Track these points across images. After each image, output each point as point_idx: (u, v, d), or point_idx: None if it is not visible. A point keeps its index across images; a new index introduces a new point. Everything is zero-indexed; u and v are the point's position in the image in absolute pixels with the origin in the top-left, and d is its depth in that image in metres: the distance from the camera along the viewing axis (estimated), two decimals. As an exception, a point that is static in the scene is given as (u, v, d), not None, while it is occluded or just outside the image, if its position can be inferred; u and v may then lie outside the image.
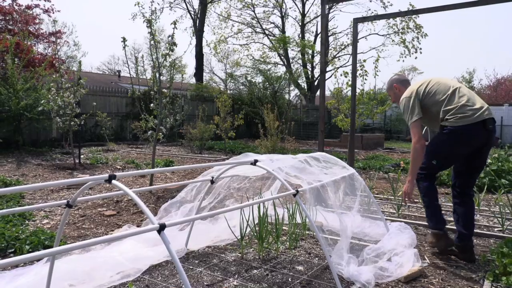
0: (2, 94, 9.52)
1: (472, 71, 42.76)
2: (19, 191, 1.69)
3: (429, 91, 3.22)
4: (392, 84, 3.62)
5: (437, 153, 3.22)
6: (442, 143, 3.17)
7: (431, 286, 2.77)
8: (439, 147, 3.20)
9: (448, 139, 3.11)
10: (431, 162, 3.22)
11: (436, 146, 3.23)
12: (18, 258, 1.29)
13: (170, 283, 2.71)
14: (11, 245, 3.24)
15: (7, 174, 7.13)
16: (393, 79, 3.65)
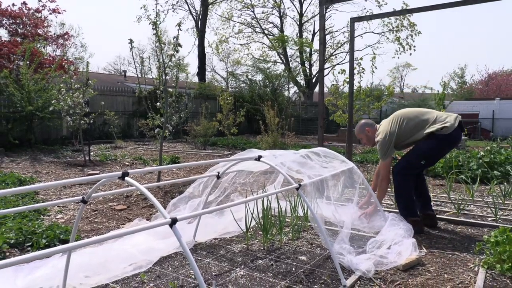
0: (15, 95, 9.53)
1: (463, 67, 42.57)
2: (37, 189, 1.71)
3: (401, 125, 3.70)
4: (364, 128, 3.92)
5: (428, 155, 3.67)
6: (434, 147, 3.62)
7: (428, 274, 2.79)
8: (431, 150, 3.63)
9: (440, 144, 3.61)
10: (420, 162, 3.68)
11: (428, 150, 3.63)
12: (39, 253, 1.32)
13: (180, 273, 2.74)
14: (28, 239, 3.27)
15: (21, 171, 7.16)
16: (363, 123, 3.97)
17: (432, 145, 3.61)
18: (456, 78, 40.65)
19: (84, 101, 8.39)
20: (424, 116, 3.70)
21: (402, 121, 3.68)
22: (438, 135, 3.56)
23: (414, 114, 3.74)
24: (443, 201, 5.00)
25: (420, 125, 3.66)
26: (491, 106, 20.46)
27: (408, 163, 3.71)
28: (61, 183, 1.86)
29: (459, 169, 6.61)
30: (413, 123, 3.67)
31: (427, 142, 3.63)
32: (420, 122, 3.66)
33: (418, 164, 3.70)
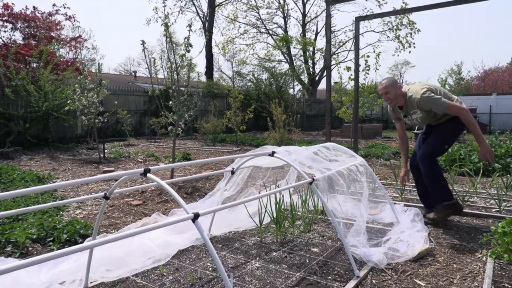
0: (32, 96, 9.56)
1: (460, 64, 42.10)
2: (60, 187, 1.68)
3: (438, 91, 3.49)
4: (396, 84, 3.64)
5: (450, 139, 3.53)
6: (457, 130, 3.48)
7: (437, 264, 2.75)
8: (454, 133, 3.51)
9: (460, 126, 3.46)
10: (444, 146, 3.53)
11: (453, 132, 3.49)
12: (66, 250, 1.29)
13: (197, 266, 2.72)
14: (49, 234, 3.26)
15: (39, 168, 7.18)
16: (395, 80, 3.70)
17: (456, 128, 3.48)
18: (454, 75, 40.24)
19: (98, 100, 8.39)
20: (448, 94, 3.53)
21: (436, 90, 3.46)
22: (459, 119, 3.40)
23: (441, 89, 3.55)
24: (448, 194, 4.93)
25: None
26: (488, 101, 20.25)
27: (434, 149, 3.51)
28: (84, 181, 1.84)
29: (461, 162, 6.53)
30: (445, 96, 3.45)
31: (450, 124, 3.48)
32: (448, 99, 3.45)
33: (443, 148, 3.56)
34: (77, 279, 2.40)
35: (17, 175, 6.02)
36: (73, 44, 16.99)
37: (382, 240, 3.03)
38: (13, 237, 3.03)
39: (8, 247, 2.98)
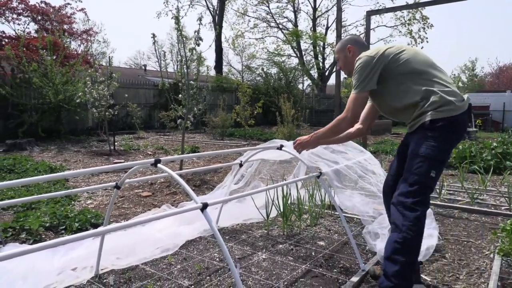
0: (44, 88, 9.70)
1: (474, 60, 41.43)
2: (73, 175, 1.74)
3: (402, 57, 2.18)
4: (346, 45, 2.47)
5: (435, 158, 2.04)
6: (439, 143, 2.05)
7: (444, 260, 2.76)
8: (436, 148, 2.04)
9: (445, 136, 2.06)
10: (428, 175, 2.03)
11: (430, 149, 2.04)
12: (80, 234, 1.34)
13: (205, 256, 2.77)
14: (61, 222, 3.35)
15: (52, 160, 7.32)
16: (349, 38, 2.53)
17: (433, 137, 2.06)
18: (467, 71, 39.64)
19: (109, 93, 8.49)
20: (435, 69, 2.17)
21: (401, 53, 2.19)
22: (440, 119, 2.04)
23: (423, 58, 2.20)
24: (457, 190, 4.92)
25: (423, 77, 2.12)
26: (502, 98, 19.92)
27: (411, 185, 2.05)
28: (96, 170, 1.89)
29: (471, 159, 6.48)
30: (415, 67, 2.15)
31: (424, 134, 2.09)
32: (425, 74, 2.13)
33: (427, 180, 2.05)
34: (88, 266, 2.47)
35: (30, 165, 6.16)
36: (84, 37, 17.18)
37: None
38: (27, 224, 3.12)
39: (22, 234, 3.07)
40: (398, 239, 1.99)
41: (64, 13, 16.05)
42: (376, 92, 2.27)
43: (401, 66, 2.17)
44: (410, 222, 1.99)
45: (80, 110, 10.40)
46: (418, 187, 2.04)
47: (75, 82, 10.24)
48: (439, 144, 2.06)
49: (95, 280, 2.36)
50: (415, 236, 1.99)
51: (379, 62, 2.18)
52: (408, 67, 2.16)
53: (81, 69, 10.42)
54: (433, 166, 2.06)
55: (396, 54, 2.20)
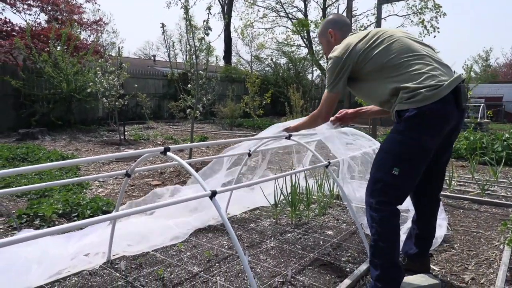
0: (55, 78, 9.80)
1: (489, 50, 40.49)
2: (86, 162, 1.77)
3: (370, 53, 2.00)
4: (327, 29, 2.32)
5: (398, 154, 1.88)
6: (403, 136, 1.88)
7: (453, 250, 2.75)
8: (400, 143, 1.89)
9: (411, 129, 1.86)
10: (390, 173, 1.87)
11: (394, 143, 1.92)
12: (95, 219, 1.38)
13: (214, 244, 2.81)
14: (74, 210, 3.42)
15: (63, 149, 7.43)
16: (329, 20, 2.36)
17: (398, 131, 1.92)
18: (480, 61, 38.84)
19: (119, 83, 8.55)
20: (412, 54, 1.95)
21: (372, 47, 2.00)
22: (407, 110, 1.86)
23: (399, 45, 1.98)
24: (467, 182, 4.88)
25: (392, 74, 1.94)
26: (516, 89, 19.53)
27: (372, 179, 1.96)
28: (107, 157, 1.92)
29: (483, 151, 6.40)
30: (385, 62, 1.96)
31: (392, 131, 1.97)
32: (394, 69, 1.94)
33: (389, 178, 1.88)
34: (101, 252, 2.53)
35: (43, 154, 6.26)
36: (94, 27, 17.24)
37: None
38: (40, 211, 3.20)
39: (36, 220, 3.15)
40: (372, 241, 1.93)
41: (74, 3, 16.10)
42: (352, 89, 2.24)
43: (370, 64, 2.01)
44: (376, 224, 1.90)
45: (91, 99, 10.51)
46: (382, 185, 1.91)
47: (85, 72, 10.33)
48: (404, 138, 1.88)
49: (107, 266, 2.42)
50: (384, 238, 1.88)
51: (347, 64, 2.05)
52: (377, 63, 1.99)
53: (91, 59, 10.50)
54: (397, 163, 1.87)
55: (365, 50, 2.02)
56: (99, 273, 2.33)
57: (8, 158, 5.90)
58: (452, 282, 2.27)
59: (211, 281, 2.23)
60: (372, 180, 1.96)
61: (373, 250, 1.93)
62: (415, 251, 2.29)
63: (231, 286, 2.17)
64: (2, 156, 5.96)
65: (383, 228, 1.89)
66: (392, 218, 1.91)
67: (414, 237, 2.30)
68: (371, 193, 1.95)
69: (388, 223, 1.90)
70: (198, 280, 2.24)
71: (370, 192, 1.95)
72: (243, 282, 2.22)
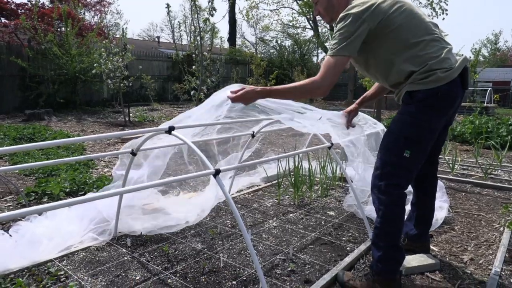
0: (60, 58, 9.78)
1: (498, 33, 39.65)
2: (89, 139, 1.80)
3: (395, 21, 1.79)
4: None
5: (410, 136, 1.84)
6: (415, 119, 1.83)
7: (453, 232, 2.78)
8: (412, 124, 1.84)
9: (423, 110, 1.82)
10: (402, 156, 1.83)
11: (405, 125, 1.86)
12: (103, 194, 1.41)
13: (217, 222, 2.87)
14: (81, 188, 3.48)
15: (69, 129, 7.49)
16: None
17: (409, 113, 1.86)
18: (489, 45, 38.09)
19: (123, 65, 8.53)
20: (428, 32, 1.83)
21: (396, 13, 1.79)
22: (419, 91, 1.81)
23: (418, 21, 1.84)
24: (470, 165, 4.88)
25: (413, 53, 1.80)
26: (524, 73, 19.22)
27: (384, 167, 1.89)
28: (113, 135, 1.95)
29: (488, 135, 6.37)
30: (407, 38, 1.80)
31: (401, 112, 1.91)
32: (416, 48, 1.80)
33: (400, 161, 1.85)
34: (108, 229, 2.59)
35: (49, 134, 6.33)
36: (98, 8, 17.09)
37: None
38: (48, 189, 3.26)
39: (44, 198, 3.21)
40: (377, 223, 1.92)
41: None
42: (357, 59, 1.98)
43: (392, 34, 1.80)
44: (384, 207, 1.87)
45: (96, 81, 10.51)
46: (392, 168, 1.86)
47: (90, 53, 10.30)
48: (415, 120, 1.83)
49: (113, 242, 2.48)
50: (391, 221, 1.88)
51: (366, 23, 1.76)
52: (399, 36, 1.80)
53: (96, 40, 10.44)
54: (408, 145, 1.83)
55: (390, 15, 1.78)
56: (105, 249, 2.39)
57: (15, 138, 5.97)
58: (451, 262, 2.30)
59: (214, 258, 2.28)
60: (382, 163, 1.90)
61: (377, 232, 1.92)
62: (415, 232, 2.32)
63: (234, 263, 2.22)
64: (9, 136, 6.03)
65: (391, 211, 1.87)
66: (400, 201, 1.89)
67: (414, 218, 2.32)
68: (380, 176, 1.89)
69: (396, 206, 1.88)
70: (202, 257, 2.30)
71: (379, 175, 1.89)
72: (246, 259, 2.27)
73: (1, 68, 9.86)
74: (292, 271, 2.14)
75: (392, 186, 1.87)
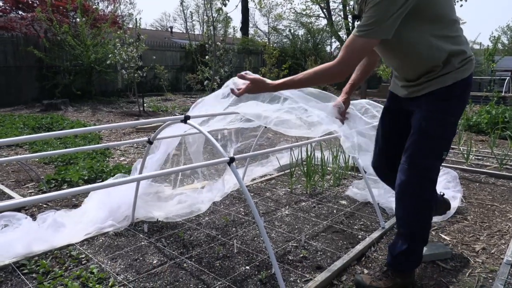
0: (76, 50, 9.93)
1: (519, 20, 38.36)
2: (106, 128, 1.86)
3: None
4: None
5: (447, 138, 1.72)
6: (452, 117, 1.70)
7: (465, 221, 2.78)
8: (449, 125, 1.70)
9: (458, 105, 1.70)
10: (441, 158, 1.74)
11: (443, 127, 1.68)
12: (122, 180, 1.48)
13: (231, 210, 2.93)
14: (98, 176, 3.58)
15: (85, 119, 7.64)
16: None
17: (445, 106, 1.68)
18: (509, 32, 36.92)
19: (137, 55, 8.62)
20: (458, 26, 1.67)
21: None
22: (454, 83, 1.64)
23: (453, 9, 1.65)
24: (486, 156, 4.83)
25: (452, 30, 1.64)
26: (544, 62, 18.63)
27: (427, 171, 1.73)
28: (129, 124, 2.01)
29: (504, 125, 6.26)
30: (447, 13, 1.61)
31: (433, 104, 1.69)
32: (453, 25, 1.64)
33: (438, 161, 1.75)
34: (125, 216, 2.67)
35: (67, 124, 6.48)
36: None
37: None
38: (67, 177, 3.37)
39: (64, 185, 3.33)
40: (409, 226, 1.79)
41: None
42: (387, 43, 1.63)
43: (434, 9, 1.55)
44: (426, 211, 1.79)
45: (110, 71, 10.64)
46: (433, 173, 1.75)
47: (105, 44, 10.41)
48: (452, 118, 1.70)
49: (131, 228, 2.57)
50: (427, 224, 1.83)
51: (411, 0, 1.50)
52: (439, 11, 1.57)
53: (110, 30, 10.54)
54: (446, 146, 1.71)
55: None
56: (124, 234, 2.48)
57: (34, 127, 6.13)
58: (463, 252, 2.32)
59: (228, 244, 2.35)
60: (421, 169, 1.71)
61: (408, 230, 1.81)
62: None
63: (247, 249, 2.28)
64: (29, 125, 6.20)
65: (429, 214, 1.82)
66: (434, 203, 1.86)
67: None
68: (422, 185, 1.72)
69: (431, 210, 1.83)
70: (216, 243, 2.37)
71: (420, 184, 1.72)
72: (259, 246, 2.33)
73: (19, 59, 10.08)
74: (304, 257, 2.19)
75: (434, 191, 1.82)
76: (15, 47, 10.02)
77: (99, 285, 1.87)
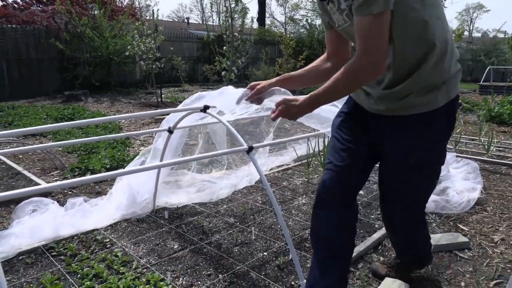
0: (95, 41, 10.10)
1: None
2: (127, 117, 1.93)
3: None
4: None
5: (443, 161, 1.51)
6: (446, 141, 1.50)
7: (485, 212, 2.76)
8: (444, 147, 1.49)
9: (451, 126, 1.44)
10: (435, 184, 1.59)
11: (440, 156, 1.48)
12: (144, 167, 1.54)
13: (248, 199, 2.98)
14: (120, 165, 3.69)
15: (105, 110, 7.82)
16: None
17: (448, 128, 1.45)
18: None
19: (155, 46, 8.71)
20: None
21: None
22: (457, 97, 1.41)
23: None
24: (507, 147, 4.73)
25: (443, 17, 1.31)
26: None
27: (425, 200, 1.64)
28: (151, 114, 2.07)
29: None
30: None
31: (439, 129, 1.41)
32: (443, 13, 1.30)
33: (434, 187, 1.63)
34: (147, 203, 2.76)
35: (88, 114, 6.65)
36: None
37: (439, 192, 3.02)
38: (90, 165, 3.49)
39: (87, 173, 3.45)
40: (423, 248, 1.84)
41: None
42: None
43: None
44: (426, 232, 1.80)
45: (128, 62, 10.79)
46: (423, 205, 1.66)
47: (123, 35, 10.55)
48: (446, 139, 1.48)
49: (152, 214, 2.66)
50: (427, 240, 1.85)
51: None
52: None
53: (128, 21, 10.66)
54: (439, 171, 1.53)
55: None
56: (145, 220, 2.57)
57: (56, 118, 6.32)
58: (481, 242, 2.31)
59: (246, 231, 2.41)
60: (423, 206, 1.66)
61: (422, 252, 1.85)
62: None
63: (265, 236, 2.34)
64: (51, 116, 6.40)
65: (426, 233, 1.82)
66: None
67: None
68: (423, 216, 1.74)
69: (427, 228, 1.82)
70: (234, 229, 2.43)
71: (422, 217, 1.73)
72: (276, 233, 2.38)
73: (41, 51, 10.33)
74: (321, 245, 2.22)
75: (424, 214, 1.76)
76: (37, 39, 10.26)
77: (123, 267, 1.96)
